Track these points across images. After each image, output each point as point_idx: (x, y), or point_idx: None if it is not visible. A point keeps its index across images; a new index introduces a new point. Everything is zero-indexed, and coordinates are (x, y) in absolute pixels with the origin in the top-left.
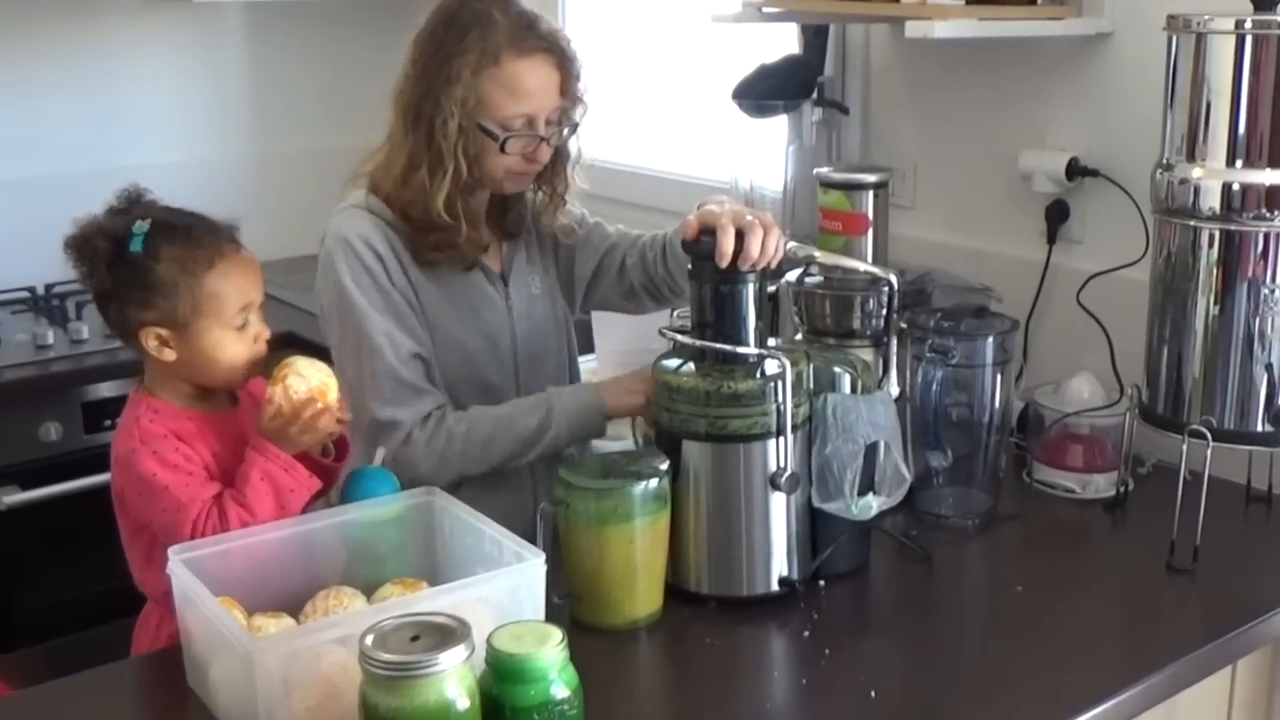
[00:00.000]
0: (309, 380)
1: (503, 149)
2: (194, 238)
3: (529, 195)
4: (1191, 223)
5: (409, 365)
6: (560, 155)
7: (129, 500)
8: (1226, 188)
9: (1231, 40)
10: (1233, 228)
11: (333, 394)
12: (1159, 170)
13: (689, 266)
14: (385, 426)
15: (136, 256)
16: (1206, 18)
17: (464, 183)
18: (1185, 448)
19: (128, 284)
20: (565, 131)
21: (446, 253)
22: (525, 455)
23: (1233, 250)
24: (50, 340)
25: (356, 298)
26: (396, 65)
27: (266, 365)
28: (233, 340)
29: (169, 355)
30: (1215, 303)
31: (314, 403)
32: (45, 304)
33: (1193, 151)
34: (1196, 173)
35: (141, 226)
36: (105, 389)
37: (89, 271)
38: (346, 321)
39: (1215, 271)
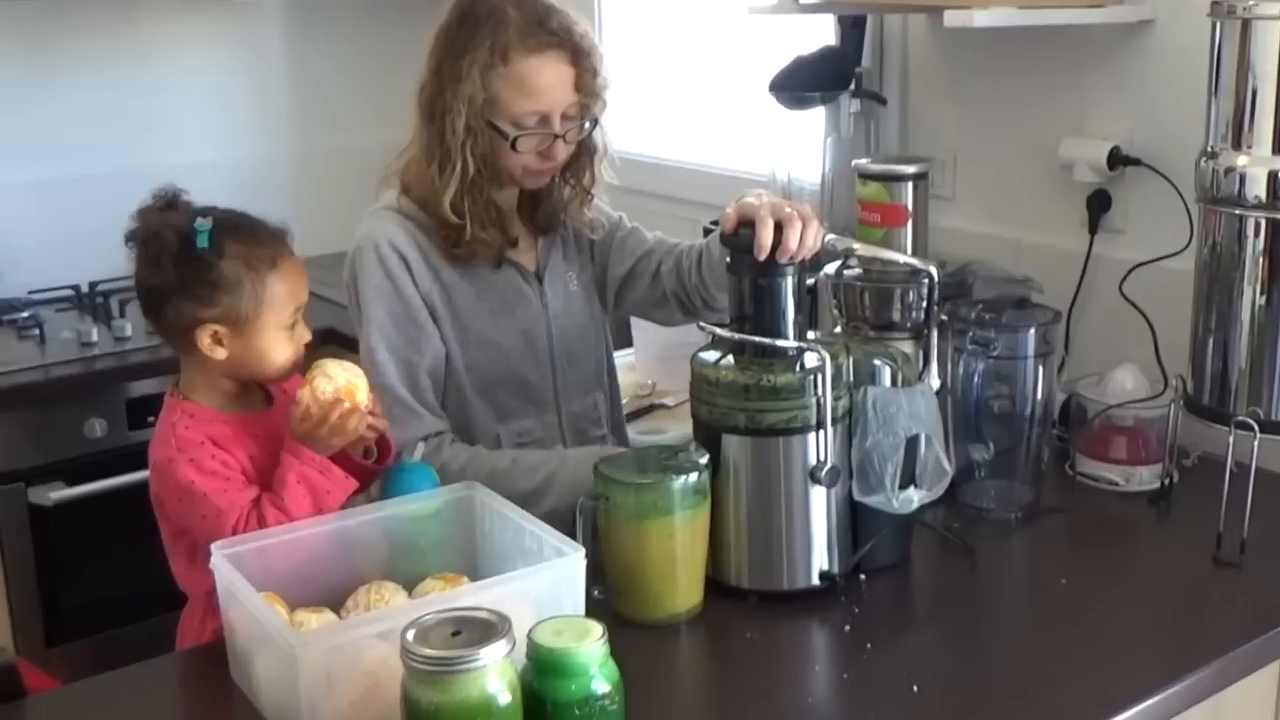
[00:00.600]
0: (335, 381)
1: (514, 147)
2: (257, 236)
3: (559, 190)
4: (1237, 211)
5: (410, 385)
6: (585, 150)
7: (169, 507)
8: (1273, 175)
9: (1278, 26)
10: None
11: (361, 394)
12: (1203, 158)
13: (727, 260)
14: None
15: (203, 253)
16: (1252, 3)
17: (473, 180)
18: (1232, 439)
19: (191, 280)
20: (586, 126)
21: (464, 249)
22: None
23: None
24: (94, 338)
25: (372, 308)
26: None
27: (304, 365)
28: (285, 340)
29: (220, 354)
30: (1262, 292)
31: (341, 403)
32: (90, 302)
33: (1238, 139)
34: (1242, 160)
35: (205, 223)
36: (149, 385)
37: (154, 265)
38: (361, 329)
39: (1262, 260)
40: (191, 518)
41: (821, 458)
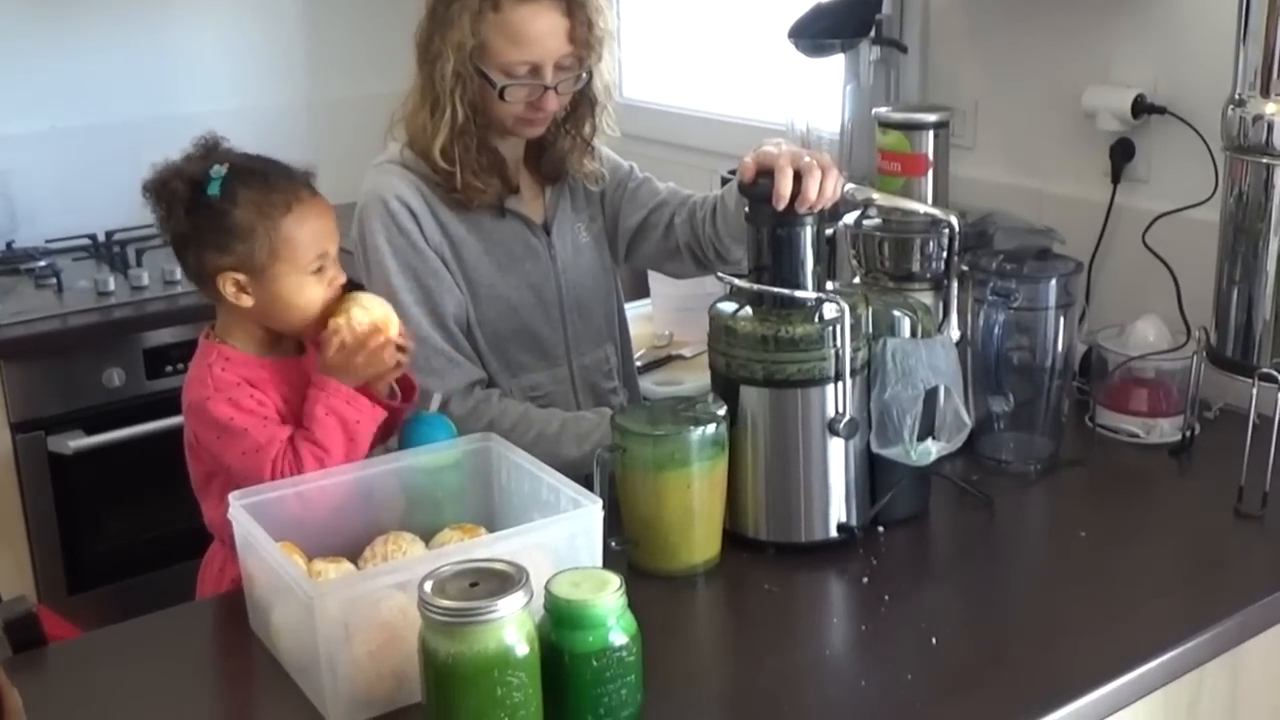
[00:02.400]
0: (371, 312)
1: (502, 96)
2: (270, 182)
3: (561, 140)
4: (1265, 160)
5: (444, 334)
6: (585, 101)
7: (206, 445)
8: None
9: None
10: None
11: (394, 327)
12: (1230, 106)
13: (746, 210)
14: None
15: (214, 200)
16: None
17: (463, 127)
18: (1255, 391)
19: (204, 228)
20: (584, 77)
21: (460, 194)
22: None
23: None
24: (111, 287)
25: (389, 261)
26: None
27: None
28: (310, 285)
29: (246, 301)
30: None
31: (378, 333)
32: (106, 251)
33: (1266, 86)
34: (1270, 108)
35: (219, 170)
36: (166, 335)
37: (167, 215)
38: (380, 284)
39: None
40: (230, 454)
41: (840, 409)
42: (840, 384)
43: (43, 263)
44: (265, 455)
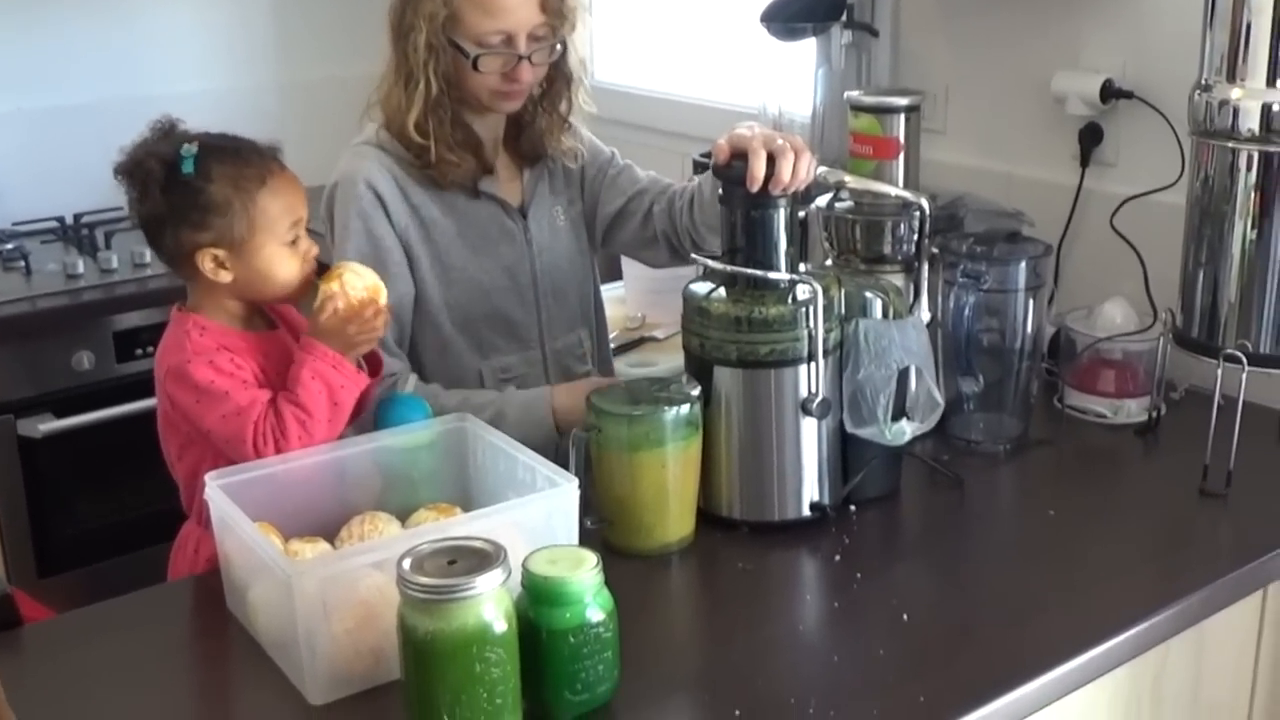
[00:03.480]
0: (364, 279)
1: (475, 67)
2: (243, 157)
3: (539, 120)
4: (1230, 144)
5: None
6: (561, 77)
7: (184, 409)
8: (1267, 109)
9: None
10: (1273, 149)
11: (384, 296)
12: (1197, 91)
13: (719, 192)
14: None
15: (189, 178)
16: None
17: (436, 100)
18: (1220, 372)
19: (181, 206)
20: (557, 49)
21: (435, 171)
22: None
23: (1272, 172)
24: (80, 270)
25: (344, 245)
26: None
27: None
28: (287, 256)
29: (225, 277)
30: (1253, 226)
31: (374, 301)
32: (75, 234)
33: (1233, 71)
34: (1236, 93)
35: (190, 149)
36: (136, 318)
37: (142, 196)
38: None
39: (1254, 194)
40: (210, 418)
41: (813, 390)
42: (813, 364)
43: (10, 245)
44: (247, 417)
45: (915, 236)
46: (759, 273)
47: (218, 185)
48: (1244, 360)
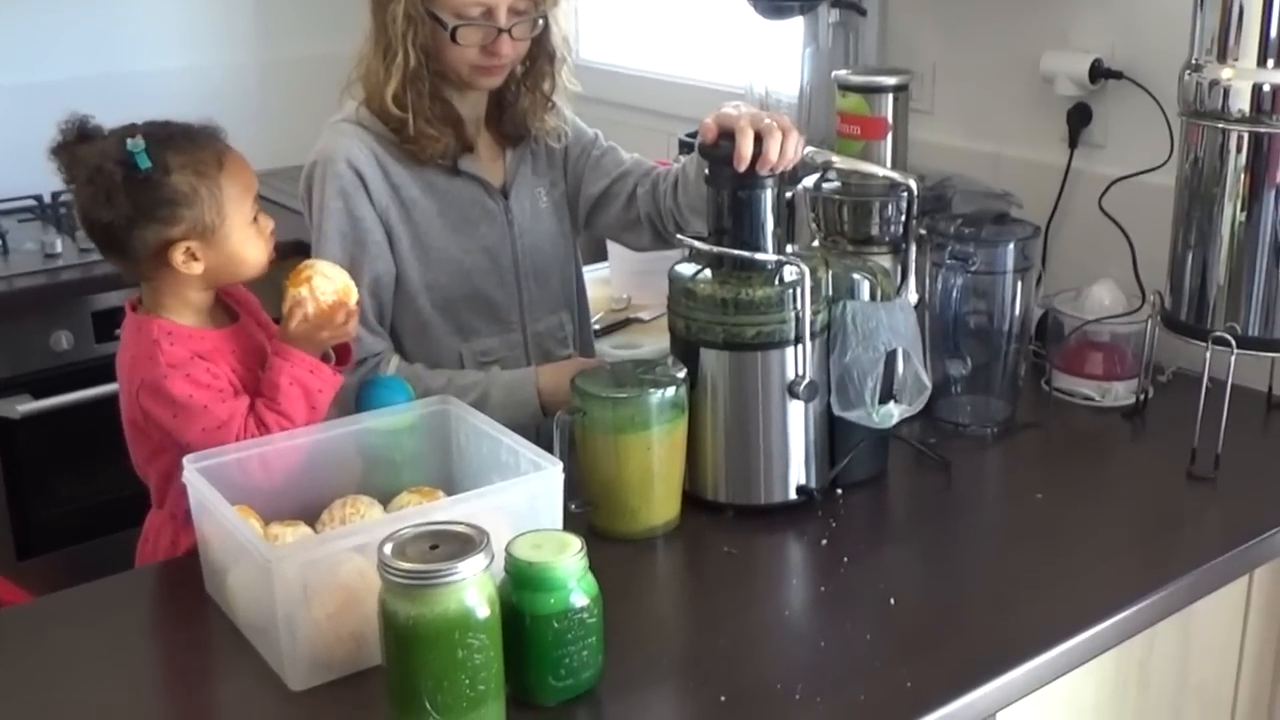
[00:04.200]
0: (334, 281)
1: (454, 39)
2: (196, 141)
3: (522, 99)
4: (1220, 125)
5: None
6: (543, 53)
7: (160, 423)
8: (1257, 89)
9: None
10: (1263, 130)
11: (354, 295)
12: (1187, 71)
13: (706, 172)
14: None
15: (148, 173)
16: None
17: (414, 72)
18: (1209, 355)
19: (147, 205)
20: (539, 24)
21: (414, 146)
22: None
23: (1262, 154)
24: (59, 249)
25: (323, 225)
26: None
27: (284, 270)
28: (253, 236)
29: (197, 268)
30: (1243, 208)
31: (344, 305)
32: (53, 212)
33: (1223, 52)
34: (1226, 74)
35: (137, 143)
36: (115, 298)
37: (106, 201)
38: (314, 245)
39: (1243, 176)
40: (190, 432)
41: (800, 372)
42: (800, 347)
43: None
44: (229, 431)
45: (903, 218)
46: (746, 254)
47: (179, 175)
48: (1233, 343)
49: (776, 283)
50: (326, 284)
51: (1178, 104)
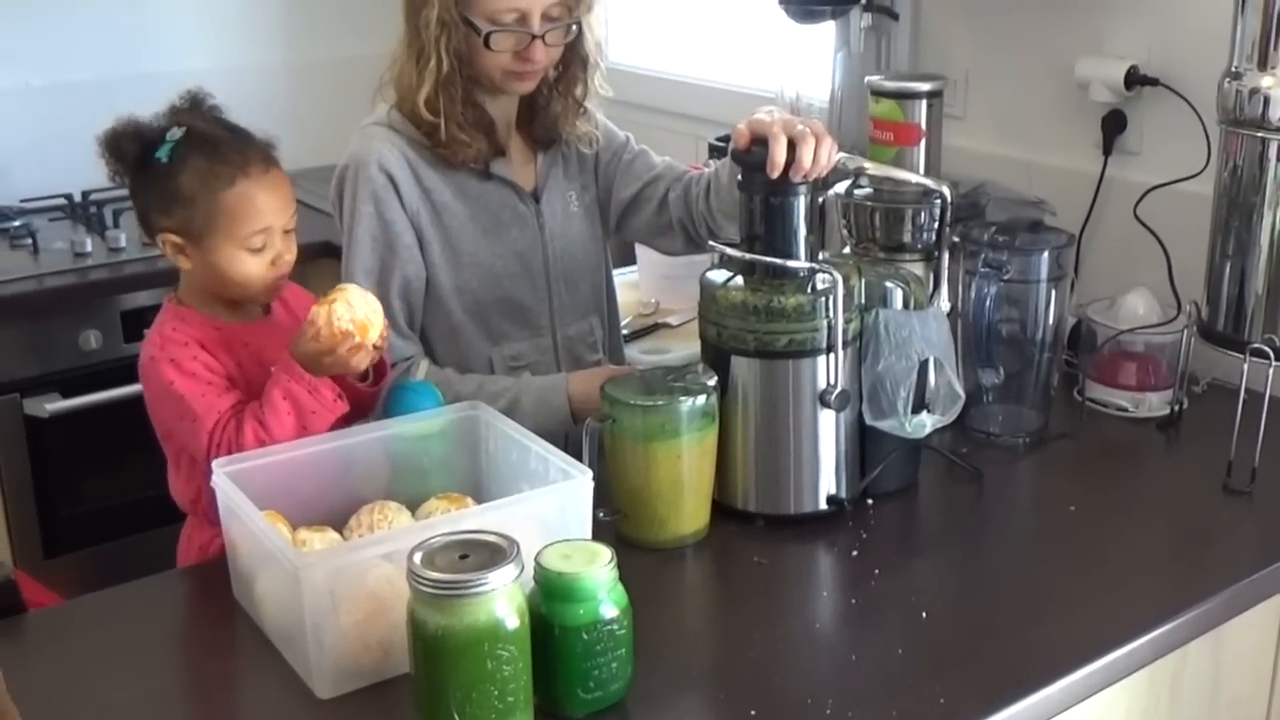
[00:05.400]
0: (355, 311)
1: (487, 44)
2: (220, 153)
3: (554, 103)
4: (1260, 134)
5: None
6: (577, 60)
7: (153, 408)
8: None
9: None
10: None
11: (374, 331)
12: (1227, 79)
13: (738, 178)
14: None
15: (160, 164)
16: None
17: (448, 77)
18: (1246, 366)
19: (149, 188)
20: (573, 30)
21: (446, 150)
22: None
23: None
24: (89, 248)
25: (354, 229)
26: None
27: (323, 287)
28: (245, 260)
29: (184, 263)
30: None
31: (351, 336)
32: (83, 212)
33: (1264, 59)
34: (1267, 81)
35: (175, 134)
36: (144, 297)
37: (115, 171)
38: (346, 248)
39: None
40: (171, 419)
41: (832, 381)
42: (832, 355)
43: (18, 222)
44: (202, 426)
45: (936, 225)
46: (778, 261)
47: (186, 176)
48: (1271, 354)
49: (809, 290)
50: (345, 311)
51: (1216, 111)
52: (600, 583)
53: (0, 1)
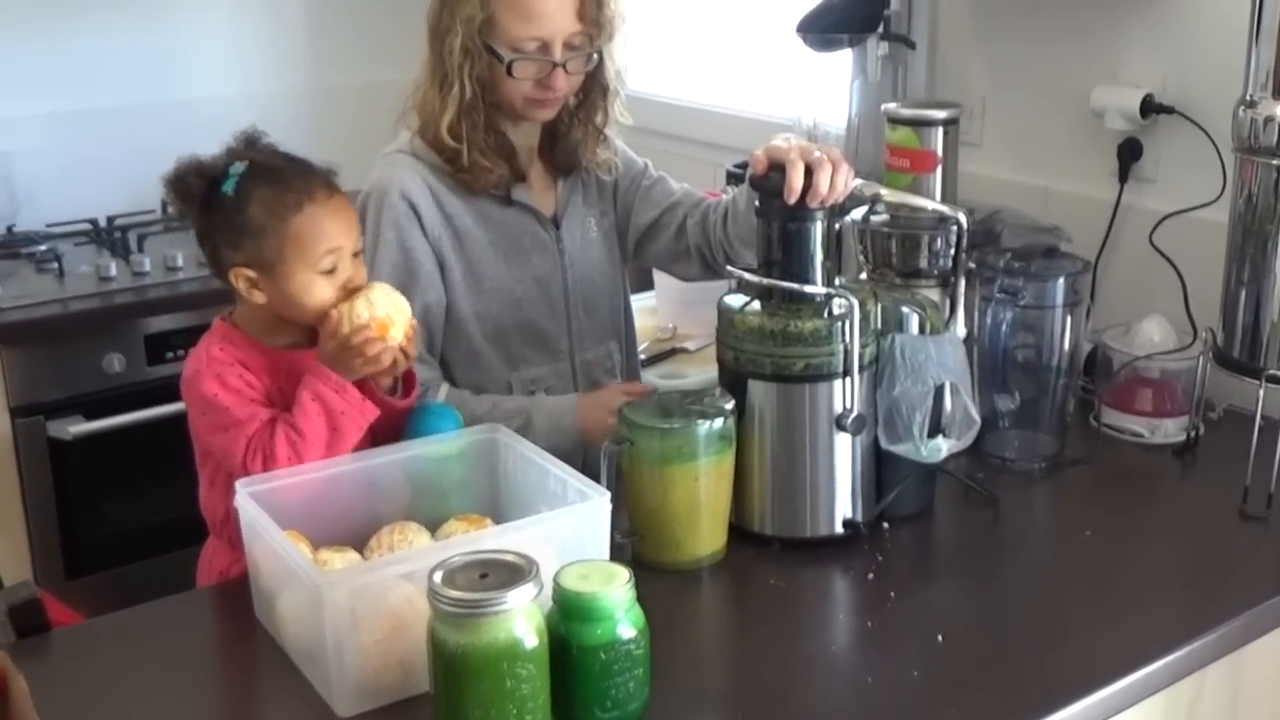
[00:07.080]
0: (375, 308)
1: (510, 72)
2: (284, 181)
3: (574, 130)
4: (1275, 162)
5: None
6: (597, 88)
7: (193, 421)
8: None
9: None
10: None
11: (396, 328)
12: (1242, 107)
13: (756, 204)
14: None
15: (226, 198)
16: None
17: (470, 104)
18: (1262, 392)
19: (218, 225)
20: (594, 58)
21: (468, 176)
22: None
23: None
24: (113, 272)
25: (376, 256)
26: None
27: None
28: (319, 284)
29: (259, 297)
30: None
31: (366, 329)
32: (108, 236)
33: (1279, 88)
34: None
35: (238, 168)
36: (167, 321)
37: (183, 210)
38: (367, 276)
39: None
40: (212, 430)
41: (848, 405)
42: (848, 379)
43: (44, 247)
44: (242, 432)
45: (952, 251)
46: (795, 286)
47: (254, 207)
48: None
49: (825, 315)
50: (364, 309)
51: (1231, 140)
52: (618, 603)
53: (27, 30)
